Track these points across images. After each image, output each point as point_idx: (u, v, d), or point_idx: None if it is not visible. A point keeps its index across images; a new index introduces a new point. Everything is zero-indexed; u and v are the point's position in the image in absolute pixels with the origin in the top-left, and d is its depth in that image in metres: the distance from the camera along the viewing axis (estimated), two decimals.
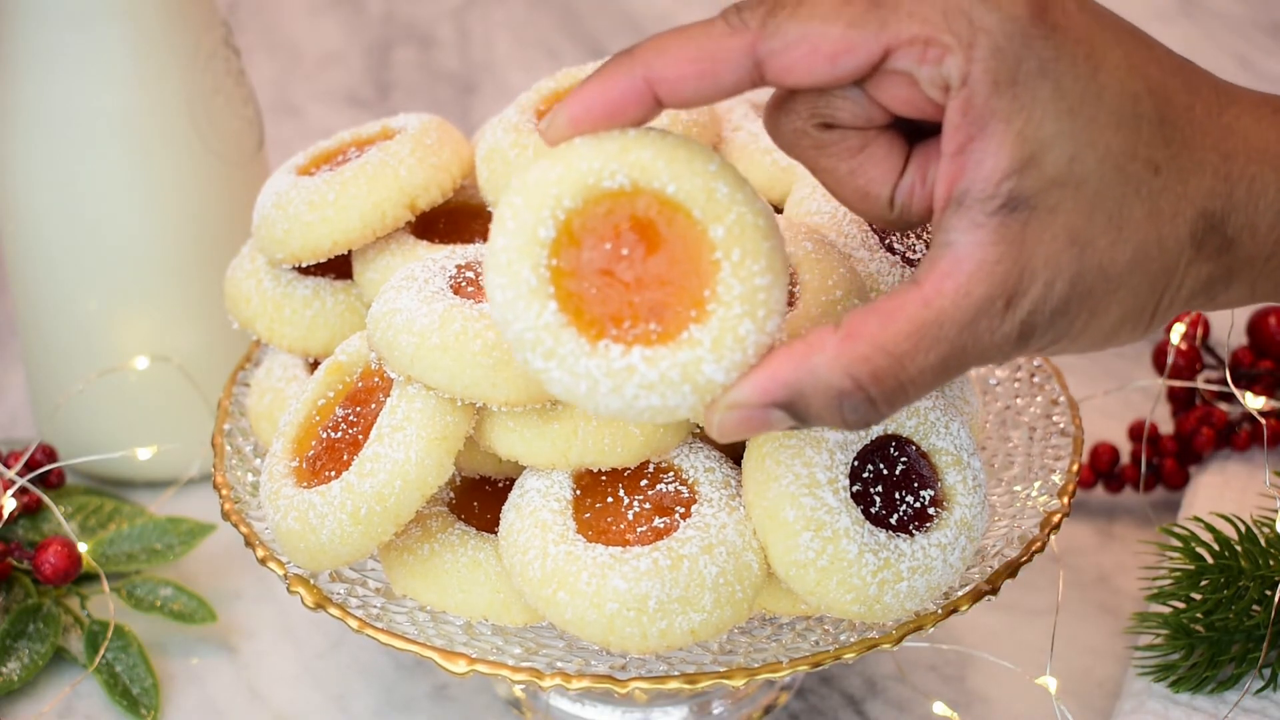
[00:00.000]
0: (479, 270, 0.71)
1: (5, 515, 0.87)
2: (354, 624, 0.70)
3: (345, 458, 0.69)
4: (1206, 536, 0.82)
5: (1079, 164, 0.55)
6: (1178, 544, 0.82)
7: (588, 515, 0.68)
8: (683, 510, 0.68)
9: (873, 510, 0.66)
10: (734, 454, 0.71)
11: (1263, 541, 0.80)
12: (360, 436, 0.70)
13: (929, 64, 0.55)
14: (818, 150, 0.61)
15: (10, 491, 0.88)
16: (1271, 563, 0.79)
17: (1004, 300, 0.55)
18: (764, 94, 0.81)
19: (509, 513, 0.70)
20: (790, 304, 0.67)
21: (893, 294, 0.55)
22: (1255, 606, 0.79)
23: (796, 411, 0.56)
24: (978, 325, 0.55)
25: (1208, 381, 0.96)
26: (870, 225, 0.73)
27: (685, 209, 0.56)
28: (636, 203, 0.56)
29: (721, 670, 0.67)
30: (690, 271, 0.56)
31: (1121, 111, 0.56)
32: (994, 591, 0.70)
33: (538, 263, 0.55)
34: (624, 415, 0.56)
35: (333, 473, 0.69)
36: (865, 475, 0.66)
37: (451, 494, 0.74)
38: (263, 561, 0.73)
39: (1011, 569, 0.71)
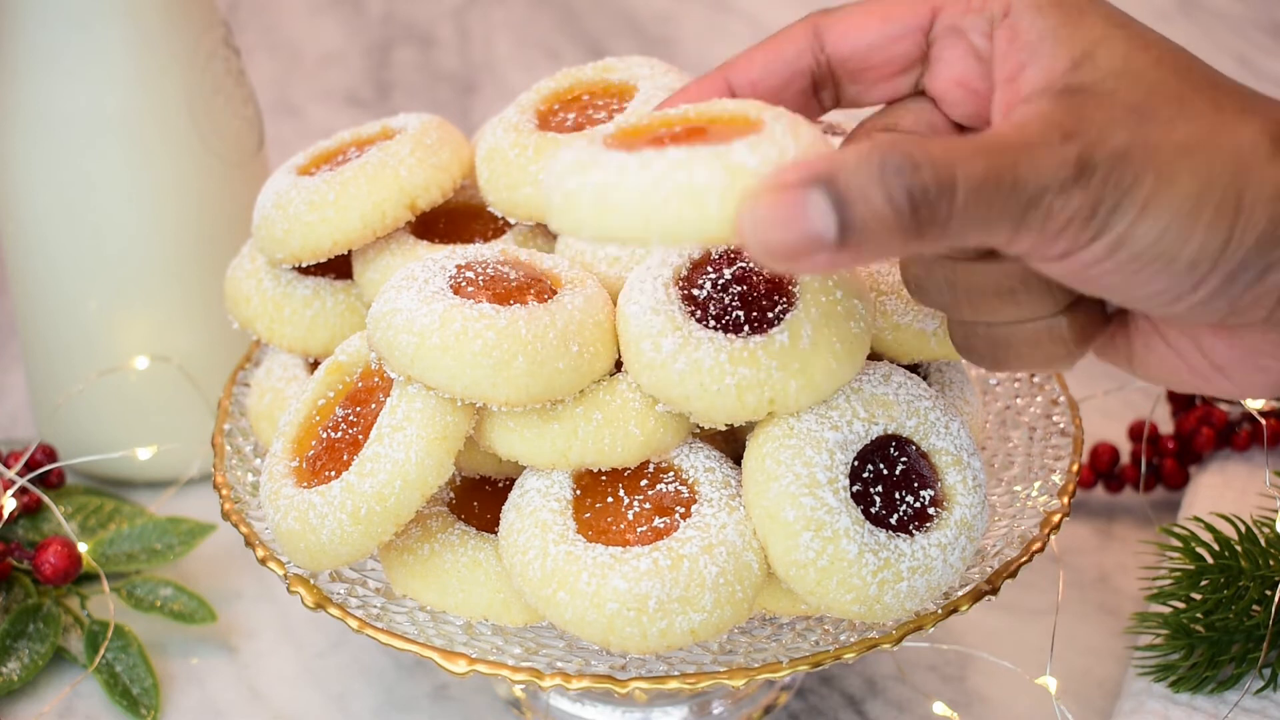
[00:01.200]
0: (479, 270, 0.71)
1: (5, 515, 0.87)
2: (354, 624, 0.70)
3: (345, 458, 0.69)
4: (1206, 536, 0.82)
5: (1132, 60, 0.55)
6: (1178, 544, 0.82)
7: (588, 515, 0.68)
8: (683, 510, 0.68)
9: (873, 510, 0.66)
10: (734, 454, 0.71)
11: (1263, 541, 0.80)
12: (360, 436, 0.70)
13: (973, 12, 0.58)
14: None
15: (10, 491, 0.88)
16: (1271, 563, 0.79)
17: (1060, 134, 0.53)
18: None
19: (509, 513, 0.70)
20: (789, 304, 0.67)
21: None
22: (1255, 606, 0.79)
23: (838, 189, 0.51)
24: (1033, 149, 0.53)
25: None
26: None
27: (740, 114, 0.58)
28: (695, 119, 0.59)
29: (721, 670, 0.67)
30: (739, 129, 0.56)
31: (1168, 45, 0.57)
32: (994, 591, 0.70)
33: (594, 139, 0.57)
34: (650, 203, 0.53)
35: (333, 473, 0.69)
36: (865, 475, 0.66)
37: (451, 494, 0.74)
38: (263, 561, 0.73)
39: (1011, 569, 0.71)
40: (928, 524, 0.67)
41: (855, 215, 0.51)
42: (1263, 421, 0.90)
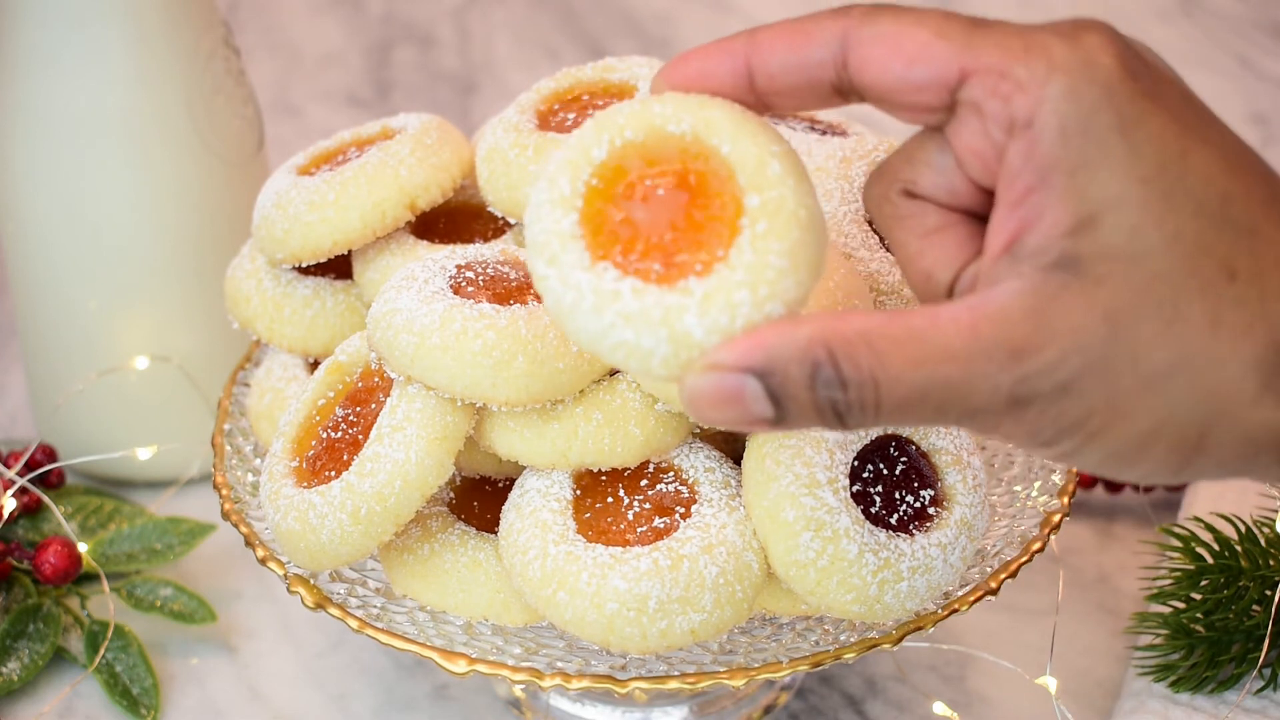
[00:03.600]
0: (479, 270, 0.71)
1: (5, 515, 0.87)
2: (354, 624, 0.70)
3: (345, 458, 0.69)
4: (1206, 536, 0.82)
5: (1140, 238, 0.50)
6: (1178, 544, 0.82)
7: (588, 515, 0.68)
8: (683, 510, 0.68)
9: (873, 510, 0.66)
10: (734, 454, 0.71)
11: (1263, 541, 0.80)
12: (360, 436, 0.70)
13: (998, 99, 0.52)
14: (896, 221, 0.58)
15: (10, 491, 0.88)
16: (1271, 563, 0.79)
17: (1008, 351, 0.50)
18: None
19: (509, 513, 0.70)
20: None
21: (911, 308, 0.52)
22: (1255, 606, 0.79)
23: (772, 385, 0.51)
24: (973, 365, 0.50)
25: None
26: (870, 226, 0.73)
27: (732, 171, 0.55)
28: (690, 152, 0.56)
29: (721, 670, 0.67)
30: (715, 233, 0.54)
31: (1206, 203, 0.50)
32: (994, 591, 0.70)
33: (578, 176, 0.56)
34: (598, 345, 0.54)
35: (333, 473, 0.69)
36: (865, 475, 0.66)
37: (451, 494, 0.74)
38: (263, 561, 0.73)
39: (1011, 569, 0.71)
40: (928, 524, 0.67)
41: (788, 409, 0.52)
42: None
